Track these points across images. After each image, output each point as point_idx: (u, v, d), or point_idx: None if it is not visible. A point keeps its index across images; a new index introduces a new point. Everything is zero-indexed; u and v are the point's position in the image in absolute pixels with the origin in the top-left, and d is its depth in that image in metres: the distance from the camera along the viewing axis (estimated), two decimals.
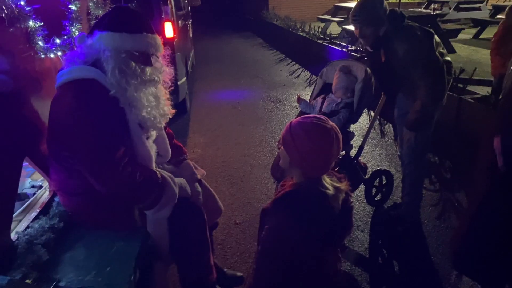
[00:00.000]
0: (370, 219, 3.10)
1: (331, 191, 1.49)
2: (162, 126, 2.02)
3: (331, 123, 1.48)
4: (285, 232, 1.45)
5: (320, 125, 1.45)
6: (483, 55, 4.34)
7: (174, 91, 5.05)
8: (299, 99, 3.05)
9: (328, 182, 1.52)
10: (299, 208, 1.45)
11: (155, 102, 1.90)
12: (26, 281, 1.43)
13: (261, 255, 1.54)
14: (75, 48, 1.97)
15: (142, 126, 1.85)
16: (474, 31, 9.93)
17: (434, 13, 8.63)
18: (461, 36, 9.45)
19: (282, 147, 1.54)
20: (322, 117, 1.50)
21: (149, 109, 1.84)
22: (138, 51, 1.78)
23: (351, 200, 1.58)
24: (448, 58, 2.58)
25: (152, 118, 1.86)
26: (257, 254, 1.56)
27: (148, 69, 1.83)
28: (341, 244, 1.89)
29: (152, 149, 1.98)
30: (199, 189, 2.15)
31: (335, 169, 2.92)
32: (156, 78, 1.88)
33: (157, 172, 1.85)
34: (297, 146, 1.45)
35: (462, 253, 1.91)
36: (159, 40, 1.85)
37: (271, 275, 1.51)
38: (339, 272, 1.65)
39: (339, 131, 1.49)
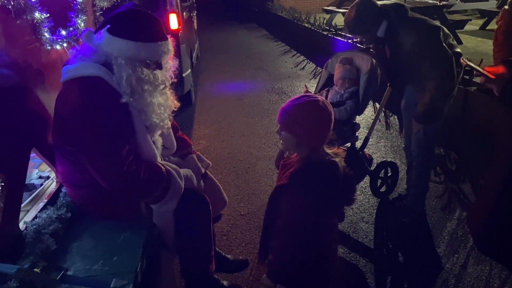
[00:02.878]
0: (375, 211, 3.11)
1: (335, 157, 1.61)
2: (169, 125, 2.01)
3: (317, 95, 1.60)
4: (306, 202, 1.54)
5: (314, 100, 1.56)
6: (490, 46, 4.28)
7: (179, 83, 5.07)
8: (307, 92, 3.04)
9: (328, 150, 1.64)
10: (314, 177, 1.56)
11: (164, 104, 1.90)
12: (35, 270, 1.44)
13: (285, 228, 1.59)
14: (80, 41, 1.97)
15: (147, 127, 1.85)
16: (481, 22, 9.80)
17: (441, 3, 8.51)
18: (468, 27, 9.34)
19: (284, 133, 1.60)
20: (308, 93, 1.61)
21: (159, 113, 1.85)
22: (151, 60, 1.77)
23: (348, 167, 1.67)
24: (458, 50, 2.55)
25: (161, 123, 1.88)
26: (279, 229, 1.61)
27: (159, 73, 1.83)
28: (351, 205, 2.04)
29: (158, 142, 1.98)
30: (202, 184, 2.16)
31: None
32: (166, 82, 1.90)
33: (162, 168, 1.85)
34: (302, 125, 1.54)
35: (486, 236, 1.92)
36: (170, 43, 1.83)
37: (297, 247, 1.58)
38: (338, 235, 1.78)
39: (326, 100, 1.61)
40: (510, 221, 1.81)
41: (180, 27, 5.01)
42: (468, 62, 1.99)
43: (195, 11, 8.58)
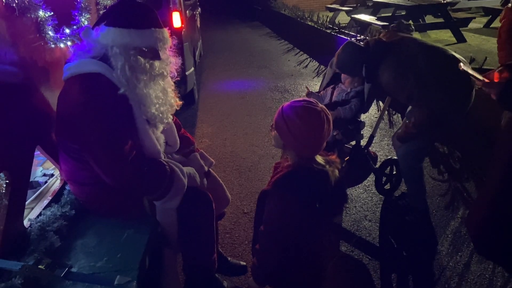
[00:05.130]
0: (378, 209, 3.11)
1: (326, 167, 1.55)
2: (170, 120, 2.02)
3: (321, 105, 1.52)
4: (287, 211, 1.52)
5: (311, 108, 1.48)
6: (494, 44, 4.26)
7: (182, 82, 5.07)
8: (309, 93, 3.04)
9: (320, 159, 1.58)
10: (298, 186, 1.51)
11: (163, 97, 1.90)
12: (39, 266, 1.45)
13: (265, 234, 1.59)
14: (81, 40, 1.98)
15: (149, 121, 1.86)
16: (485, 20, 9.78)
17: (445, 1, 8.49)
18: (472, 25, 9.32)
19: (275, 131, 1.58)
20: (312, 100, 1.53)
21: (157, 105, 1.84)
22: (146, 47, 1.76)
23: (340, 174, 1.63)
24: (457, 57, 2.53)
25: (160, 115, 1.87)
26: (260, 234, 1.61)
27: (157, 63, 1.82)
28: (337, 215, 2.00)
29: (161, 139, 1.99)
30: (205, 182, 2.16)
31: (346, 159, 2.94)
32: (164, 72, 1.88)
33: (166, 164, 1.86)
34: (290, 129, 1.49)
35: (484, 237, 1.91)
36: (166, 33, 1.83)
37: (277, 252, 1.58)
38: (332, 243, 1.72)
39: (328, 112, 1.52)
40: (509, 223, 1.81)
41: (183, 25, 5.02)
42: (465, 68, 1.96)
43: (198, 9, 8.58)
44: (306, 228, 1.58)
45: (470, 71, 1.86)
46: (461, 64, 2.14)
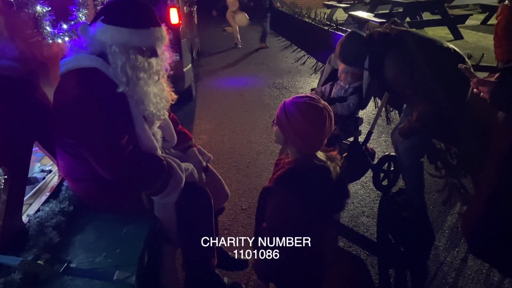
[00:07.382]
0: (376, 205, 3.12)
1: (328, 163, 1.53)
2: (166, 116, 2.02)
3: (323, 102, 1.51)
4: (290, 208, 1.51)
5: (313, 104, 1.47)
6: (491, 41, 4.27)
7: (180, 78, 5.07)
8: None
9: (322, 155, 1.57)
10: (301, 183, 1.50)
11: (160, 94, 1.90)
12: (38, 262, 1.46)
13: (268, 232, 1.58)
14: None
15: (145, 118, 1.86)
16: (482, 16, 9.81)
17: None
18: (469, 22, 9.32)
19: (276, 127, 1.57)
20: (314, 96, 1.52)
21: (155, 103, 1.85)
22: (145, 46, 1.76)
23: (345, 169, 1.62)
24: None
25: (158, 113, 1.88)
26: (262, 232, 1.61)
27: (154, 61, 1.82)
28: (339, 211, 1.97)
29: (157, 135, 1.99)
30: (204, 177, 2.16)
31: (344, 155, 2.94)
32: (160, 71, 1.89)
33: (163, 159, 1.86)
34: (291, 125, 1.48)
35: (478, 238, 1.92)
36: (164, 31, 1.83)
37: (280, 248, 1.56)
38: (334, 239, 1.70)
39: (330, 109, 1.51)
40: (503, 224, 1.81)
41: (180, 21, 5.00)
42: (463, 67, 1.95)
43: (196, 6, 8.56)
44: (309, 224, 1.57)
45: (467, 70, 1.86)
46: (460, 64, 2.14)
